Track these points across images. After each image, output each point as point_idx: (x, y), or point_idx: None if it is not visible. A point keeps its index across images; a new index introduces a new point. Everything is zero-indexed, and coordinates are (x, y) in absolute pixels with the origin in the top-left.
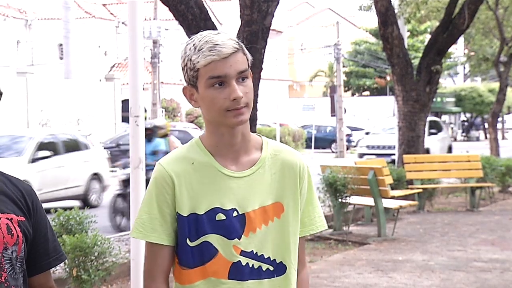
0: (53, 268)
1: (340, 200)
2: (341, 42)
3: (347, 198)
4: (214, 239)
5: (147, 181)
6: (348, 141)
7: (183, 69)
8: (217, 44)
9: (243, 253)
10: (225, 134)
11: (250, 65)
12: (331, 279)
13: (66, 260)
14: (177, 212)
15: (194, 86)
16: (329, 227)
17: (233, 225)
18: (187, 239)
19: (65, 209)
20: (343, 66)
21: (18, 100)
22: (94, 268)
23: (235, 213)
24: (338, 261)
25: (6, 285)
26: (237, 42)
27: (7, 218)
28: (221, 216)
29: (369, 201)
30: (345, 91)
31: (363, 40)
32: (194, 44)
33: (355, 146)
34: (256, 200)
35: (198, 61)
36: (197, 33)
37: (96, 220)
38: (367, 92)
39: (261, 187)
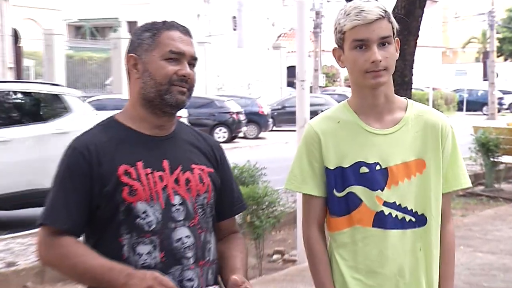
0: None
1: (492, 159)
2: (496, 10)
3: (499, 157)
4: (358, 190)
5: None
6: (500, 104)
7: (334, 31)
8: (363, 10)
9: (385, 204)
10: (368, 96)
11: (396, 33)
12: (483, 232)
13: None
14: (325, 166)
15: (341, 47)
16: (481, 184)
17: (376, 177)
18: (334, 190)
19: None
20: (497, 33)
21: (198, 67)
22: (265, 215)
23: (377, 167)
24: (490, 216)
25: (198, 227)
26: (384, 10)
27: (199, 169)
28: (364, 169)
29: None
30: (498, 56)
31: None
32: (345, 10)
33: (507, 109)
34: (399, 156)
35: (345, 24)
36: None
37: (266, 173)
38: None
39: (404, 144)
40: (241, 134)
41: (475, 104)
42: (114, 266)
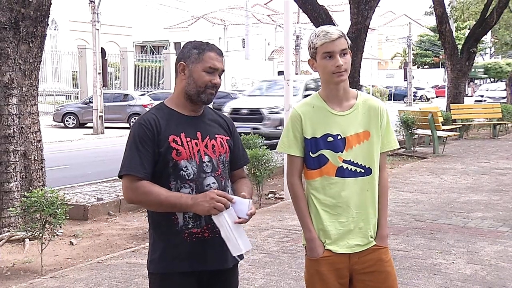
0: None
1: (409, 131)
2: (412, 35)
3: (414, 130)
4: (326, 152)
5: None
6: (414, 95)
7: (308, 48)
8: (328, 32)
9: (344, 161)
10: (333, 89)
11: (350, 47)
12: (404, 178)
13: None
14: (304, 136)
15: (314, 58)
16: (402, 147)
17: (338, 144)
18: (310, 152)
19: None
20: (413, 50)
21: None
22: (263, 168)
23: (339, 137)
24: (408, 168)
25: (220, 176)
26: (341, 32)
27: (220, 138)
28: (330, 139)
29: (428, 132)
30: (413, 65)
31: (425, 34)
32: (315, 33)
33: (419, 99)
34: (353, 129)
35: (317, 42)
36: None
37: (263, 141)
38: (427, 66)
39: (356, 121)
40: None
41: (399, 96)
42: (181, 195)
